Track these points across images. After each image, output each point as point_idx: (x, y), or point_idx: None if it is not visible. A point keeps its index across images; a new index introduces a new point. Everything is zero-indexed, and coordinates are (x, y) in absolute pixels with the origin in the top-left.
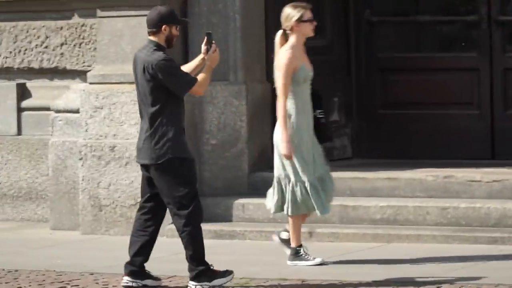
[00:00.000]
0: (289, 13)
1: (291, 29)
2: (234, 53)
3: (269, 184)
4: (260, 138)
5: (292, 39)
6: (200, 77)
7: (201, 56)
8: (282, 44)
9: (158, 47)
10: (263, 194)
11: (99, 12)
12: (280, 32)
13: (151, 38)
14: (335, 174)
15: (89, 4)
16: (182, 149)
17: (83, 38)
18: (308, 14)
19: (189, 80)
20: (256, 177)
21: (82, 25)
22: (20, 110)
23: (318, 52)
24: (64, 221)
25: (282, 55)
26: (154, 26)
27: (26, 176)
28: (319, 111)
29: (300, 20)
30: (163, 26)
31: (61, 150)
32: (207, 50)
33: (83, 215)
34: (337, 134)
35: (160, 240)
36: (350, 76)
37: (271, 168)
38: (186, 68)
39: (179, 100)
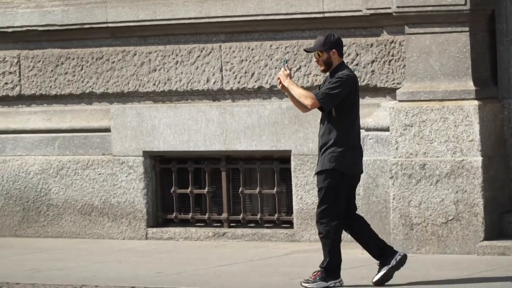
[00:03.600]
0: None
1: None
2: None
3: None
4: None
5: None
6: None
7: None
8: None
9: None
10: None
11: (407, 29)
12: None
13: None
14: None
15: (397, 21)
16: None
17: (392, 55)
18: None
19: None
20: None
21: (391, 42)
22: None
23: None
24: None
25: None
26: None
27: None
28: None
29: None
30: None
31: (372, 168)
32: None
33: (394, 234)
34: None
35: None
36: None
37: None
38: None
39: None
